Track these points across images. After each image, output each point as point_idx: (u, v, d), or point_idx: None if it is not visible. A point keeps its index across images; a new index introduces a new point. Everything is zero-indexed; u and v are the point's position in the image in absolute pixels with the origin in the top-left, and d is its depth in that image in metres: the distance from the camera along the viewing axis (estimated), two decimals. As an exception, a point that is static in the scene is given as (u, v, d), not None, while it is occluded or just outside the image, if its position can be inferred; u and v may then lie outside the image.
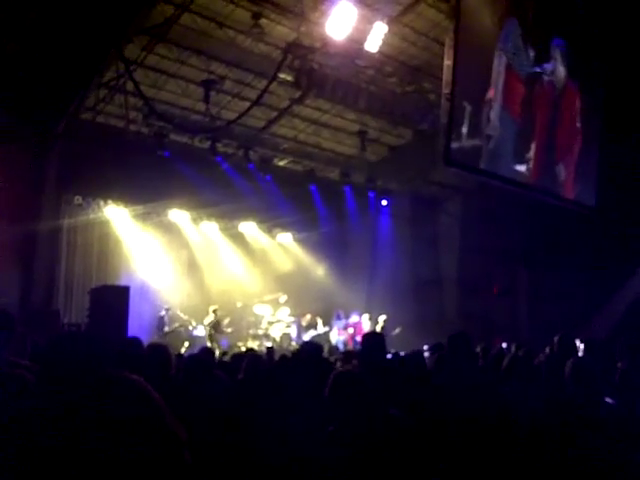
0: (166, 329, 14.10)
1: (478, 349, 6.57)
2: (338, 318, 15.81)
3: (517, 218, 15.21)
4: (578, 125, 12.24)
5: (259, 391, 4.81)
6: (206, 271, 16.19)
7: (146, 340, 7.71)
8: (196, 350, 12.46)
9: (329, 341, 14.67)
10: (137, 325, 11.91)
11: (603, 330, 11.25)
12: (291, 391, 4.27)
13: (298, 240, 18.15)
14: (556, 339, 5.63)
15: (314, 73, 11.88)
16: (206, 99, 12.85)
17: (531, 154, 11.40)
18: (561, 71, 11.66)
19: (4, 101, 10.96)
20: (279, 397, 4.48)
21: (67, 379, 1.53)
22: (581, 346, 5.80)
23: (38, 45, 11.16)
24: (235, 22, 11.53)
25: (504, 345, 9.74)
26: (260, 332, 15.24)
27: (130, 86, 11.69)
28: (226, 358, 8.50)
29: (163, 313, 14.27)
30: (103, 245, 14.61)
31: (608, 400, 3.83)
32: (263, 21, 11.15)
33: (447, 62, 9.69)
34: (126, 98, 12.38)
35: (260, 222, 17.18)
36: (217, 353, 13.70)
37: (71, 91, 11.42)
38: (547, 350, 5.66)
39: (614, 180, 12.49)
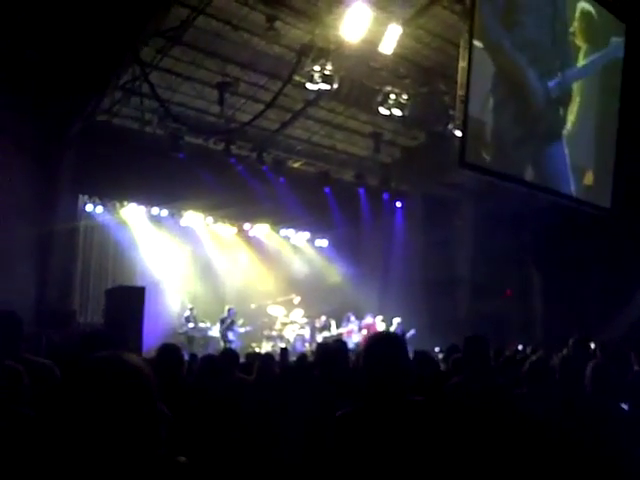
0: (190, 325, 14.20)
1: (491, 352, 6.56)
2: (348, 320, 15.81)
3: (531, 220, 15.12)
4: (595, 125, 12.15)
5: (271, 393, 4.84)
6: (220, 272, 16.26)
7: (162, 340, 7.79)
8: (210, 350, 12.60)
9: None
10: (152, 325, 11.98)
11: (618, 332, 11.17)
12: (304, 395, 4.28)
13: (312, 242, 18.19)
14: (571, 341, 5.62)
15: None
16: (221, 101, 12.92)
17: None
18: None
19: (22, 103, 11.09)
20: (291, 400, 4.51)
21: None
22: (596, 348, 5.78)
23: (54, 48, 11.29)
24: (250, 24, 11.59)
25: (520, 347, 9.72)
26: (274, 333, 15.28)
27: (146, 88, 11.78)
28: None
29: (188, 313, 14.40)
30: (119, 246, 14.73)
31: (623, 406, 3.82)
32: (278, 24, 11.18)
33: (462, 64, 9.68)
34: (142, 100, 12.49)
35: (274, 224, 17.24)
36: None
37: (87, 93, 11.53)
38: (563, 352, 5.64)
39: (629, 181, 12.39)
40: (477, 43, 9.56)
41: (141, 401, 1.52)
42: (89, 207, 14.29)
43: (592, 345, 6.34)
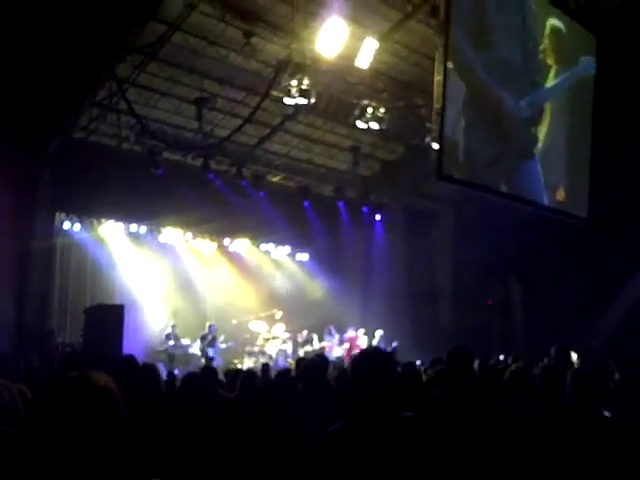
0: (171, 343, 14.05)
1: (475, 362, 6.58)
2: (329, 334, 15.78)
3: (510, 230, 15.24)
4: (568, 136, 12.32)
5: (254, 409, 4.79)
6: (201, 288, 16.14)
7: (142, 358, 7.69)
8: (190, 368, 12.46)
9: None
10: (132, 343, 11.83)
11: (598, 341, 11.28)
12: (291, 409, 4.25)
13: (292, 256, 18.16)
14: (552, 350, 5.65)
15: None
16: (199, 117, 12.91)
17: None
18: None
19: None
20: (275, 415, 4.47)
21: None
22: (576, 357, 5.82)
23: (30, 65, 11.21)
24: (227, 40, 11.63)
25: (501, 357, 9.76)
26: (256, 349, 15.18)
27: (123, 105, 11.73)
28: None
29: (169, 330, 14.25)
30: (97, 264, 14.57)
31: (605, 413, 3.84)
32: (254, 39, 11.23)
33: (437, 77, 9.77)
34: (119, 117, 12.43)
35: (254, 238, 17.18)
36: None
37: (64, 110, 11.43)
38: (544, 361, 5.67)
39: (605, 190, 12.57)
40: (449, 64, 9.67)
41: (107, 422, 1.50)
42: (66, 225, 14.11)
43: (573, 354, 6.38)
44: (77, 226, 14.29)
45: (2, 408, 2.81)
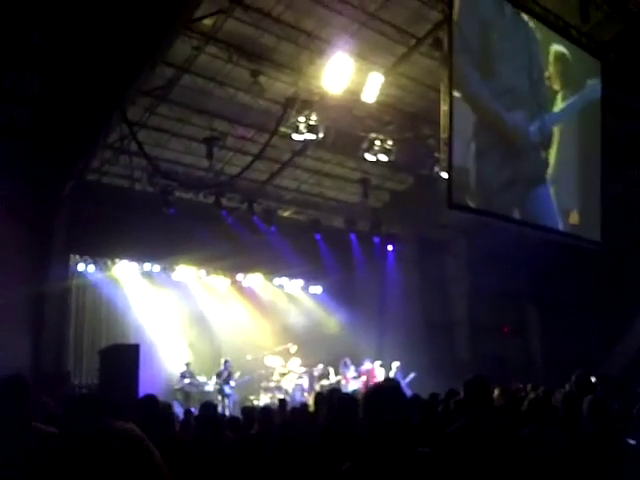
0: (187, 381, 13.99)
1: (495, 392, 6.49)
2: (345, 366, 15.64)
3: (524, 256, 15.20)
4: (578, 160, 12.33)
5: (274, 444, 4.75)
6: (215, 325, 16.13)
7: (159, 397, 7.65)
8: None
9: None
10: (148, 382, 11.81)
11: (618, 366, 11.09)
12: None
13: (306, 289, 18.15)
14: (573, 377, 5.57)
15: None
16: (209, 155, 13.07)
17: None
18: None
19: (12, 165, 11.20)
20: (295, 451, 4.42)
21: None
22: (597, 383, 5.73)
23: (43, 110, 11.47)
24: (234, 80, 11.83)
25: (520, 385, 9.61)
26: (272, 384, 15.06)
27: (134, 147, 11.91)
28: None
29: (184, 369, 14.22)
30: (111, 304, 14.63)
31: (631, 441, 3.76)
32: (262, 78, 11.42)
33: (444, 107, 9.87)
34: (131, 158, 12.60)
35: (267, 273, 17.22)
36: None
37: (77, 154, 11.66)
38: (566, 388, 5.59)
39: (617, 213, 12.52)
40: (456, 93, 9.77)
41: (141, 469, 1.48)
42: (81, 266, 14.24)
43: (593, 380, 6.28)
44: (91, 267, 14.43)
45: None
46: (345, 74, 10.56)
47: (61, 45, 9.83)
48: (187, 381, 14.06)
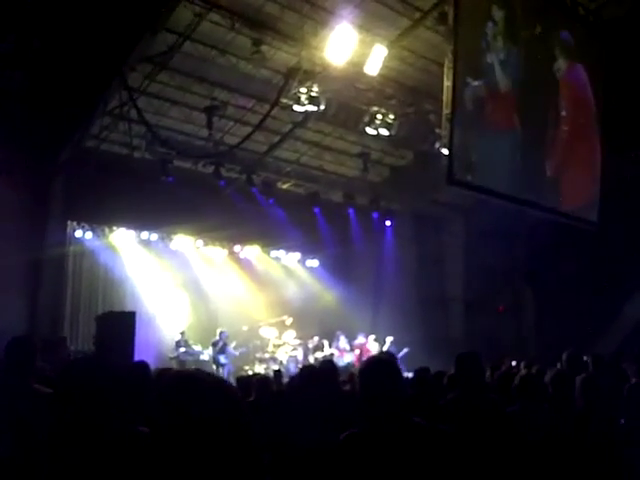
0: (182, 350, 14.09)
1: (487, 369, 6.53)
2: (337, 339, 15.76)
3: (520, 235, 15.21)
4: (579, 139, 12.29)
5: (271, 412, 4.79)
6: (211, 295, 16.19)
7: (153, 366, 7.71)
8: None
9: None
10: (144, 350, 11.88)
11: (611, 345, 11.18)
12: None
13: (303, 262, 18.19)
14: (565, 356, 5.62)
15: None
16: (209, 125, 12.98)
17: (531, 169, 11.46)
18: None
19: (9, 131, 11.10)
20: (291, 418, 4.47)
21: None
22: (589, 362, 5.78)
23: (41, 75, 11.34)
24: (236, 49, 11.69)
25: (513, 363, 9.70)
26: (267, 355, 15.18)
27: (134, 114, 11.81)
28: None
29: (179, 337, 14.30)
30: (109, 271, 14.65)
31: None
32: (264, 47, 11.29)
33: (447, 83, 9.79)
34: (130, 125, 12.50)
35: (265, 245, 17.24)
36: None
37: (75, 120, 11.56)
38: (557, 367, 5.63)
39: (615, 194, 12.51)
40: (459, 68, 9.68)
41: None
42: (78, 233, 14.24)
43: (585, 359, 6.33)
44: (89, 234, 14.42)
45: None
46: (348, 45, 10.45)
47: (62, 8, 9.68)
48: (182, 350, 14.15)
